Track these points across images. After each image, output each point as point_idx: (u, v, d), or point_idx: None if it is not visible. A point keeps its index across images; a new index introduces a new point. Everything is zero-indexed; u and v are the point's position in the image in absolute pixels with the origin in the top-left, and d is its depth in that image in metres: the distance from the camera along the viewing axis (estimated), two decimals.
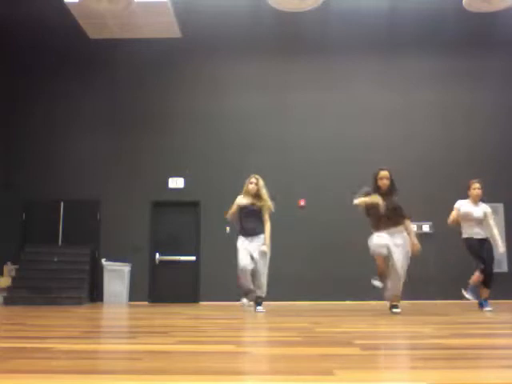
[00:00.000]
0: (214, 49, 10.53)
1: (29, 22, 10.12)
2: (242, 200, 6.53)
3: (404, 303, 6.90)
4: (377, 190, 5.88)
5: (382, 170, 5.91)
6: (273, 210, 6.53)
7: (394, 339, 3.45)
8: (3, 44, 10.31)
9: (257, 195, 6.50)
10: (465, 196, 6.71)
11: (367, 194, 5.88)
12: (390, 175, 5.91)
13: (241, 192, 6.61)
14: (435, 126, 10.29)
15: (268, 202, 6.49)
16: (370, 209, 5.87)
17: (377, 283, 5.85)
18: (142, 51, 10.43)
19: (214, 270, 9.69)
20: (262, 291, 6.37)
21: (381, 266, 5.80)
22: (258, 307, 6.30)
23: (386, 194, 5.83)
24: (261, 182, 6.58)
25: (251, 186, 6.54)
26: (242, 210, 6.48)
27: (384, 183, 5.84)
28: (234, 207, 6.53)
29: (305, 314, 5.90)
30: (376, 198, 5.76)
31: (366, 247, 5.84)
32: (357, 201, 5.84)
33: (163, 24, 9.87)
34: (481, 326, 4.57)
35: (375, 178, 5.90)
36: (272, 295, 6.78)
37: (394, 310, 5.83)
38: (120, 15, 9.36)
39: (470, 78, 10.43)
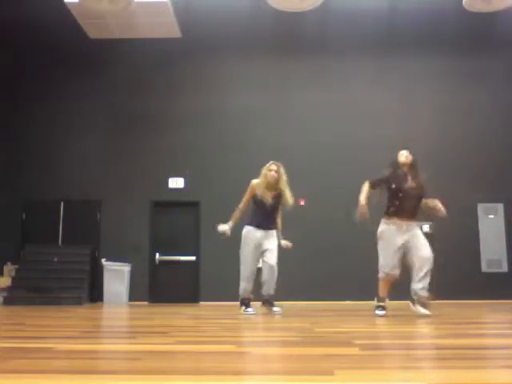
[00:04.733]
0: (214, 49, 10.53)
1: (29, 21, 10.11)
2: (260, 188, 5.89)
3: (404, 303, 6.90)
4: (397, 166, 5.42)
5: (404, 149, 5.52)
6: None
7: (393, 339, 3.45)
8: (3, 44, 10.30)
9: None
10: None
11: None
12: (413, 158, 5.45)
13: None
14: (435, 126, 10.29)
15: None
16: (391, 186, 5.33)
17: (381, 312, 5.27)
18: (142, 51, 10.43)
19: (214, 270, 9.69)
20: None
21: (386, 288, 5.33)
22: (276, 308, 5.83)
23: (410, 170, 5.42)
24: (281, 170, 6.00)
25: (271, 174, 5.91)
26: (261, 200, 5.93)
27: (406, 158, 5.43)
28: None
29: (305, 314, 5.90)
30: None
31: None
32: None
33: (163, 24, 9.87)
34: (481, 325, 4.57)
35: (396, 158, 5.46)
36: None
37: (423, 310, 5.32)
38: (120, 15, 9.36)
39: (470, 78, 10.43)
